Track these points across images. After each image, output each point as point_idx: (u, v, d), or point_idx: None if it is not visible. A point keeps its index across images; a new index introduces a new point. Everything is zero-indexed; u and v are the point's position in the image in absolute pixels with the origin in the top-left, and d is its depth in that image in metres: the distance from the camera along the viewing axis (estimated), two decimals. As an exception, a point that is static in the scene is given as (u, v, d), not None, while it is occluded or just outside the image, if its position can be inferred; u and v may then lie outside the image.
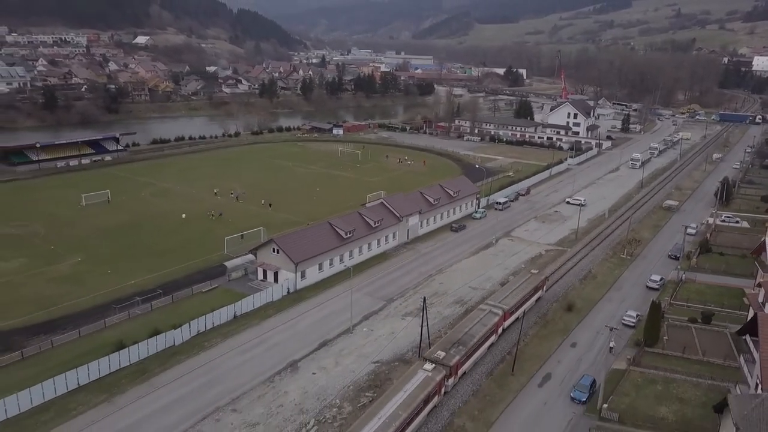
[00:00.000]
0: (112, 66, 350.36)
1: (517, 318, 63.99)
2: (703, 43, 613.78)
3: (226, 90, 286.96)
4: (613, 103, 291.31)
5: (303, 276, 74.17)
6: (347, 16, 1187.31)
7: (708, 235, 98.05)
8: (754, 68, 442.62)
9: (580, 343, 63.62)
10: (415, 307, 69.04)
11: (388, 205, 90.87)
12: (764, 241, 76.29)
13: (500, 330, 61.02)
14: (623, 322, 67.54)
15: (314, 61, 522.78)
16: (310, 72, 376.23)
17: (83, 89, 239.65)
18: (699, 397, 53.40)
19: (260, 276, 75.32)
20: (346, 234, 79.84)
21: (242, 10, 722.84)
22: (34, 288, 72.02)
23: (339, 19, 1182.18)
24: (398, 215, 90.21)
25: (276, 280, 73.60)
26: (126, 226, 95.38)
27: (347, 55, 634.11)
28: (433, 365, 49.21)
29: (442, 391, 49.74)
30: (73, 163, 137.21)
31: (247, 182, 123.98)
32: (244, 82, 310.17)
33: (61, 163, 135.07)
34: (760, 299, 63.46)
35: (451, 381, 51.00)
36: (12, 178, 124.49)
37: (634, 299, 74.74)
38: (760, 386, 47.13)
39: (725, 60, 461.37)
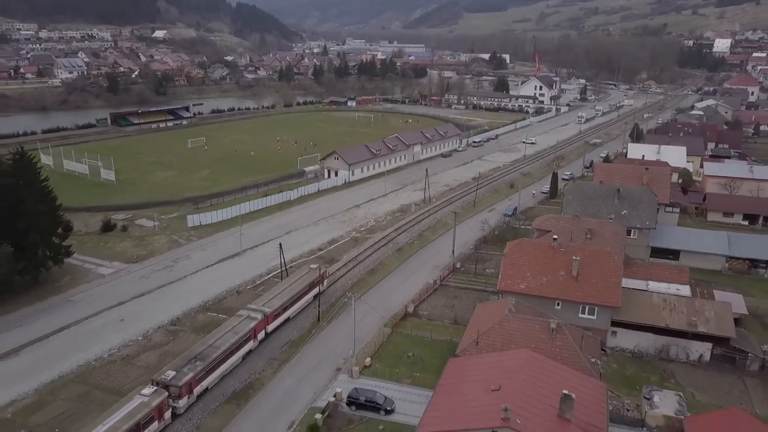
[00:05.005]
0: (141, 57, 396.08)
1: (288, 318, 63.56)
2: (675, 27, 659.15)
3: (249, 76, 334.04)
4: (600, 82, 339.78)
5: (353, 174, 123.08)
6: (338, 8, 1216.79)
7: (613, 156, 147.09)
8: (714, 50, 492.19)
9: (513, 200, 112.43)
10: (420, 188, 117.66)
11: (400, 138, 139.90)
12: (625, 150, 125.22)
13: (262, 335, 58.94)
14: (542, 192, 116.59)
15: (316, 50, 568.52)
16: (315, 60, 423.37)
17: (134, 75, 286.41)
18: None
19: (326, 175, 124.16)
20: (376, 151, 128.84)
21: (240, 3, 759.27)
22: (190, 183, 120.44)
23: (330, 11, 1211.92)
24: (407, 144, 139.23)
25: (336, 175, 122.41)
26: (225, 157, 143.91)
27: (343, 45, 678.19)
28: (155, 388, 46.09)
29: (166, 415, 46.33)
30: (161, 125, 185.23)
31: (295, 135, 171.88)
32: (262, 69, 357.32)
33: (153, 125, 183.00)
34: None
35: (183, 402, 47.86)
36: (125, 134, 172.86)
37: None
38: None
39: (690, 43, 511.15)
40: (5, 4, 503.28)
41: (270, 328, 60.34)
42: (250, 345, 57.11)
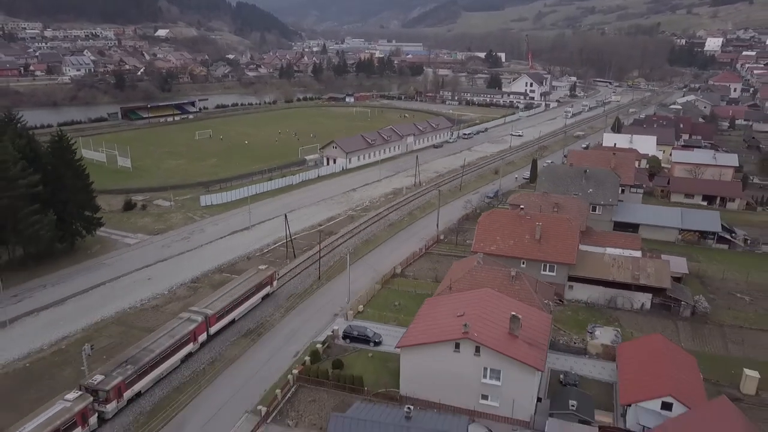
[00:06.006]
0: (145, 56, 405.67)
1: (234, 320, 63.26)
2: (669, 26, 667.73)
3: (250, 73, 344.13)
4: (594, 80, 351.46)
5: (350, 162, 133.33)
6: (337, 7, 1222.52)
7: (593, 147, 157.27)
8: (705, 48, 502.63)
9: (497, 184, 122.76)
10: (412, 174, 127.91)
11: (394, 129, 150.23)
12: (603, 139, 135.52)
13: (203, 337, 58.57)
14: (524, 177, 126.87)
15: (315, 49, 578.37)
16: (314, 58, 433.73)
17: (139, 73, 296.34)
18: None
19: (325, 162, 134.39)
20: (371, 141, 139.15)
21: (240, 3, 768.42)
22: (199, 170, 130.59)
23: (329, 9, 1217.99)
24: (400, 135, 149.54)
25: (335, 163, 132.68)
26: (231, 147, 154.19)
27: (342, 44, 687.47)
28: (79, 393, 45.60)
29: (91, 421, 45.70)
30: (169, 119, 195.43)
31: (295, 128, 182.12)
32: (263, 67, 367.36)
33: (162, 119, 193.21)
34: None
35: (111, 406, 47.41)
36: (136, 128, 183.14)
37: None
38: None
39: (683, 42, 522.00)
40: (9, 3, 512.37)
41: (213, 330, 59.95)
42: (190, 348, 56.66)
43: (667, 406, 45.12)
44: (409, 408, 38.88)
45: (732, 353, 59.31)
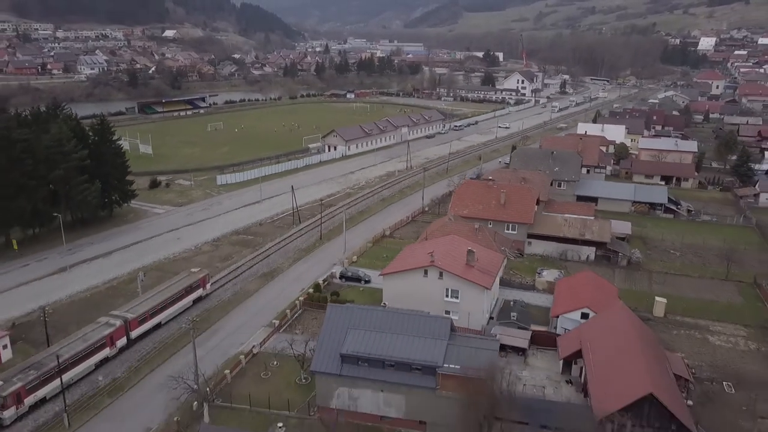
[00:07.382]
0: (155, 56, 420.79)
1: (160, 323, 62.49)
2: (666, 26, 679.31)
3: (255, 72, 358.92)
4: (591, 79, 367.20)
5: (348, 149, 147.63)
6: (338, 7, 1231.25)
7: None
8: (699, 48, 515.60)
9: (480, 168, 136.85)
10: (404, 160, 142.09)
11: (390, 120, 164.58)
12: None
13: (123, 341, 57.92)
14: (505, 162, 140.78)
15: (318, 49, 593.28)
16: (317, 57, 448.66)
17: (151, 71, 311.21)
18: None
19: (327, 150, 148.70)
20: (368, 130, 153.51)
21: (245, 3, 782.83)
22: (214, 156, 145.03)
23: (330, 10, 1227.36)
24: (395, 126, 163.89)
25: (335, 150, 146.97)
26: (241, 137, 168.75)
27: (344, 44, 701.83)
28: None
29: None
30: (182, 113, 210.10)
31: (298, 122, 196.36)
32: (267, 66, 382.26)
33: (175, 113, 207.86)
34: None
35: (9, 412, 46.42)
36: (151, 121, 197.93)
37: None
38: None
39: (677, 41, 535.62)
40: (21, 5, 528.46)
41: (134, 334, 59.34)
42: (106, 352, 55.91)
43: (585, 316, 59.13)
44: (384, 303, 53.02)
45: (654, 290, 73.26)
